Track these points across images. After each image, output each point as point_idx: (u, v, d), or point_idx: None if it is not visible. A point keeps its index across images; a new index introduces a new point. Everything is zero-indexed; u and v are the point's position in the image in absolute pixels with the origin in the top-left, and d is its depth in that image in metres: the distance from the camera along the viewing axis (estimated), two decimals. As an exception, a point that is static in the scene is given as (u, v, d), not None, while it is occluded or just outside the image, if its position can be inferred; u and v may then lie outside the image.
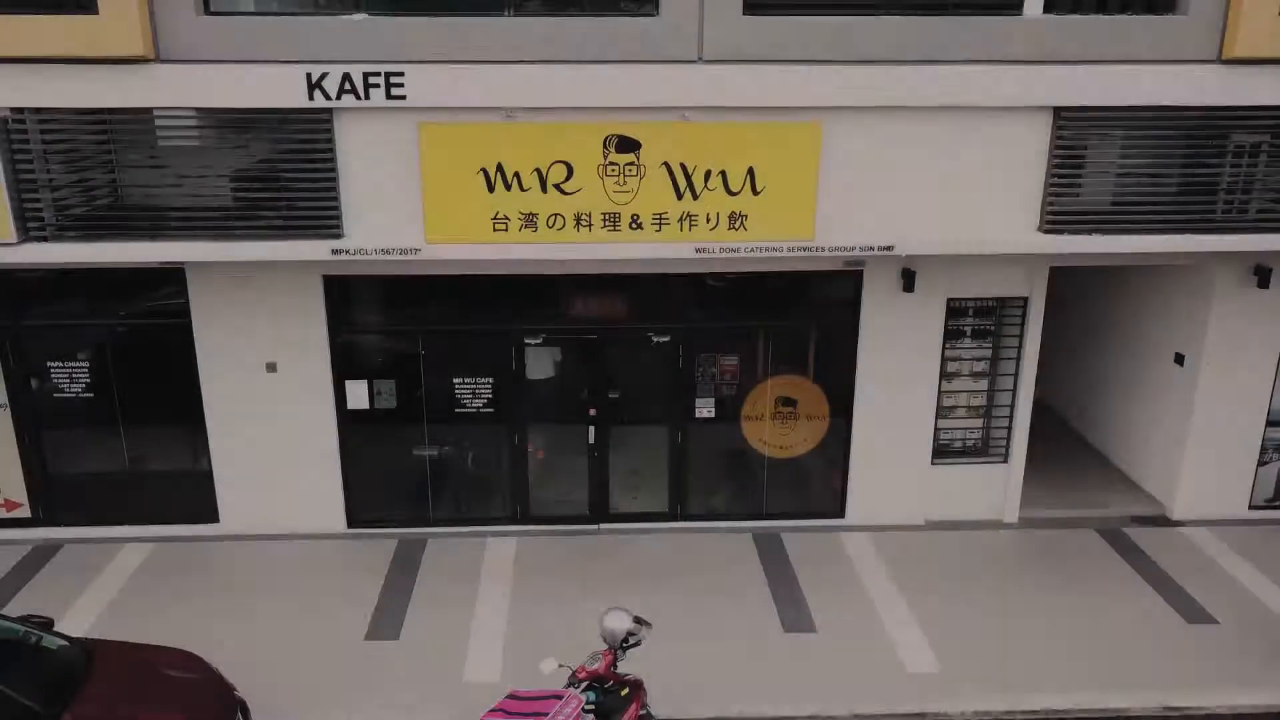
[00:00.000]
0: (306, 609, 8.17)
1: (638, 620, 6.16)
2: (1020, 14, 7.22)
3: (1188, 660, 7.59)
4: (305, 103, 7.04)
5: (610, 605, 6.40)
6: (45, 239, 7.27)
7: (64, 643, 6.27)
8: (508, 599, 8.34)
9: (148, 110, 7.10)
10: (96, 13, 6.75)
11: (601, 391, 9.22)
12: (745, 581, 8.67)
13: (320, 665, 7.42)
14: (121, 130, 7.22)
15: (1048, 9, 7.27)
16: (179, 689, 6.07)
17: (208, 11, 6.97)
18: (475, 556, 9.14)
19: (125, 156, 7.30)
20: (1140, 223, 7.69)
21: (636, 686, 6.11)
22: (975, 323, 9.46)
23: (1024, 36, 7.20)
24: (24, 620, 6.36)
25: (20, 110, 6.99)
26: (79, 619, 8.01)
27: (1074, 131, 7.46)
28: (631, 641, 6.09)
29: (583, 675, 5.90)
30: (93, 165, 7.26)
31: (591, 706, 5.78)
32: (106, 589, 8.52)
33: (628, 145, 7.23)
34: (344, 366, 9.01)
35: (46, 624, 6.39)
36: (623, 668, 6.23)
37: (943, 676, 7.39)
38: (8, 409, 9.10)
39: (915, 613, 8.20)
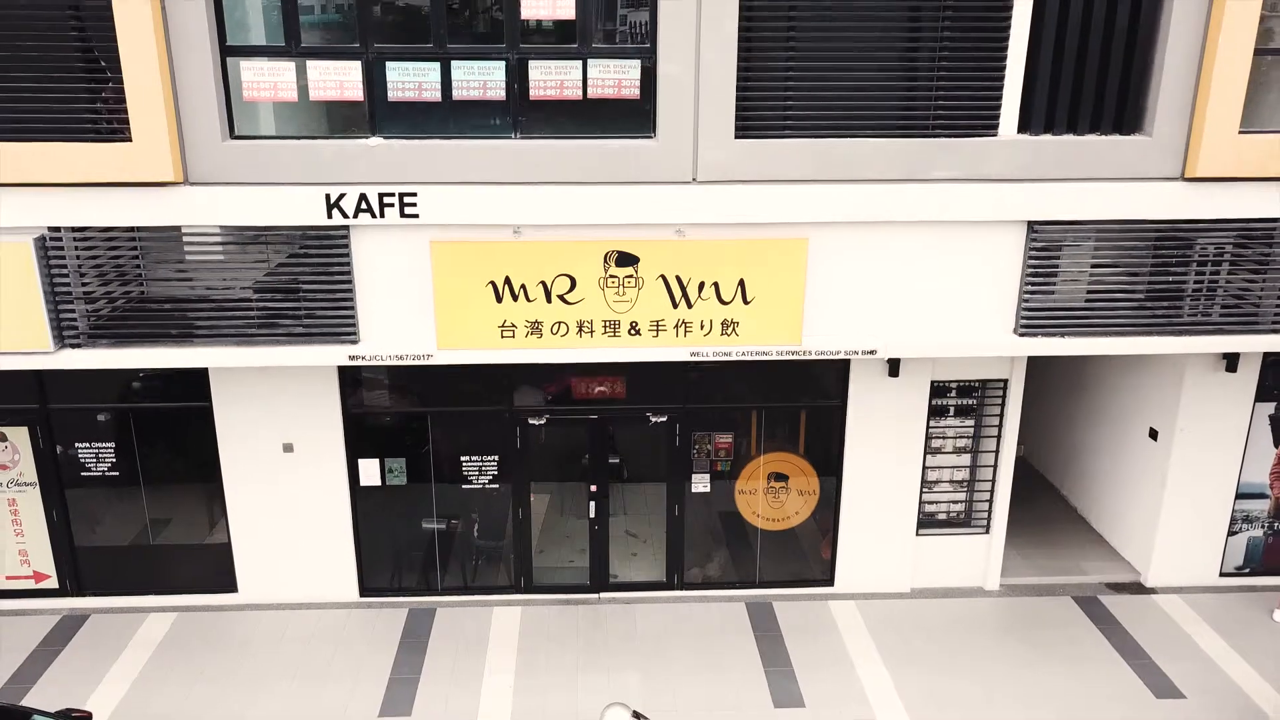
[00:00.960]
0: (323, 683, 8.67)
1: (636, 715, 6.63)
2: (996, 135, 7.69)
3: (1152, 740, 8.08)
4: (324, 220, 7.52)
5: (610, 701, 6.87)
6: (79, 345, 7.74)
7: None
8: (513, 673, 8.84)
9: (176, 228, 7.57)
10: (130, 140, 7.21)
11: (602, 469, 9.70)
12: (738, 654, 9.17)
13: (338, 746, 7.89)
14: (151, 245, 7.70)
15: (1021, 130, 7.74)
16: None
17: (233, 136, 7.44)
18: (482, 627, 9.62)
19: (154, 269, 7.77)
20: (1110, 325, 8.18)
21: None
22: (958, 401, 9.95)
23: (999, 156, 7.69)
24: (64, 716, 6.83)
25: (57, 229, 7.46)
26: (109, 693, 8.49)
27: (1046, 243, 7.94)
28: (631, 736, 6.57)
29: None
30: (123, 278, 7.73)
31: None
32: (134, 662, 9.01)
33: (627, 260, 7.71)
34: (356, 446, 9.49)
35: (86, 719, 6.86)
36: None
37: None
38: (36, 486, 9.57)
39: (899, 685, 8.71)
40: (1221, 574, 10.48)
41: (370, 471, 9.67)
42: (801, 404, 9.73)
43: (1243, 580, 10.49)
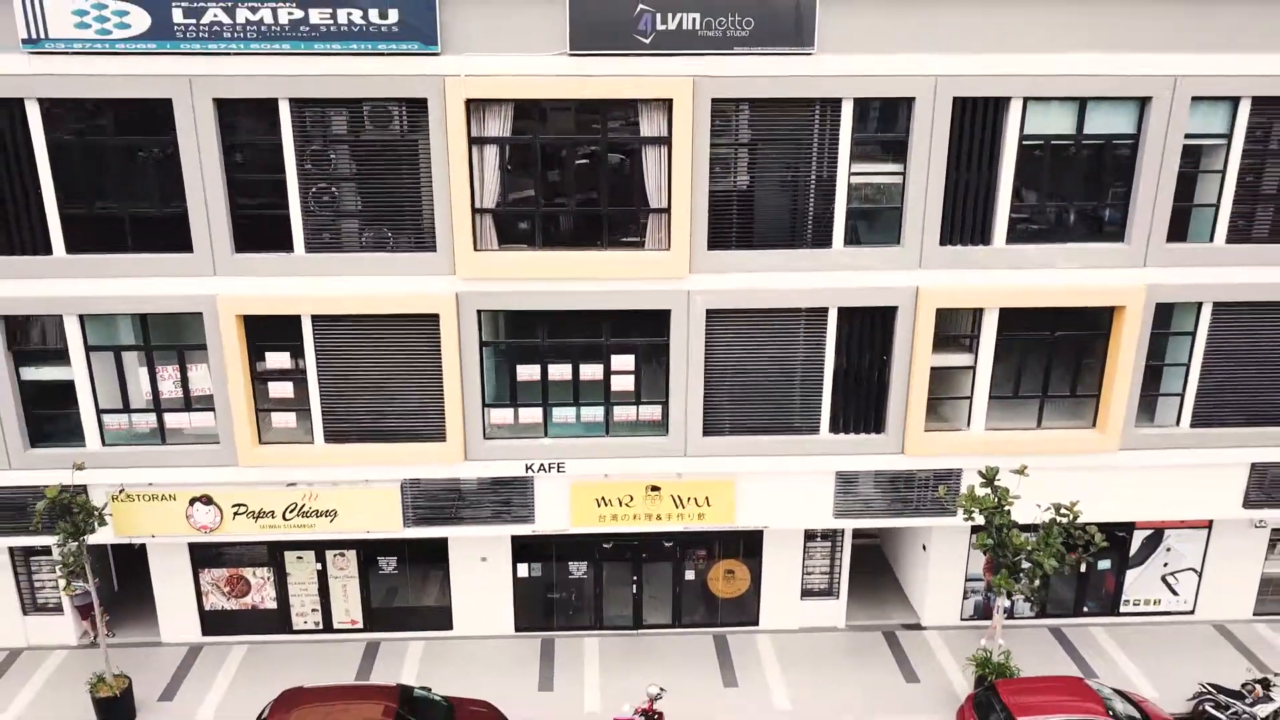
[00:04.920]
0: (507, 676, 18.96)
1: (661, 689, 16.91)
2: (818, 435, 17.94)
3: (901, 693, 18.36)
4: (523, 475, 17.78)
5: (650, 682, 17.20)
6: (414, 525, 18.01)
7: (440, 699, 17.00)
8: (598, 672, 19.10)
9: (458, 479, 17.83)
10: (445, 442, 17.43)
11: (640, 571, 19.95)
12: (706, 663, 19.46)
13: (516, 708, 18.13)
14: (445, 484, 17.95)
15: (832, 431, 17.97)
16: (495, 718, 16.85)
17: (485, 439, 17.66)
18: (579, 648, 19.92)
19: (443, 494, 18.01)
20: (879, 513, 18.46)
21: (661, 715, 16.86)
22: (820, 533, 20.17)
23: (820, 445, 17.93)
24: (424, 689, 17.09)
25: (418, 479, 17.73)
26: (408, 680, 18.70)
27: (846, 479, 18.19)
28: (659, 695, 16.81)
29: (644, 709, 16.65)
30: (432, 499, 17.99)
31: (645, 724, 16.59)
32: (411, 667, 19.22)
33: (655, 488, 18.00)
34: (518, 557, 19.75)
35: (426, 690, 17.12)
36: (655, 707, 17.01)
37: (792, 713, 18.17)
38: (356, 578, 19.81)
39: (786, 677, 19.00)
40: (961, 619, 20.75)
41: (523, 570, 19.95)
42: (740, 534, 19.93)
43: (971, 623, 20.76)
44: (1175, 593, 20.95)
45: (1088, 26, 15.77)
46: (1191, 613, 21.04)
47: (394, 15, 15.08)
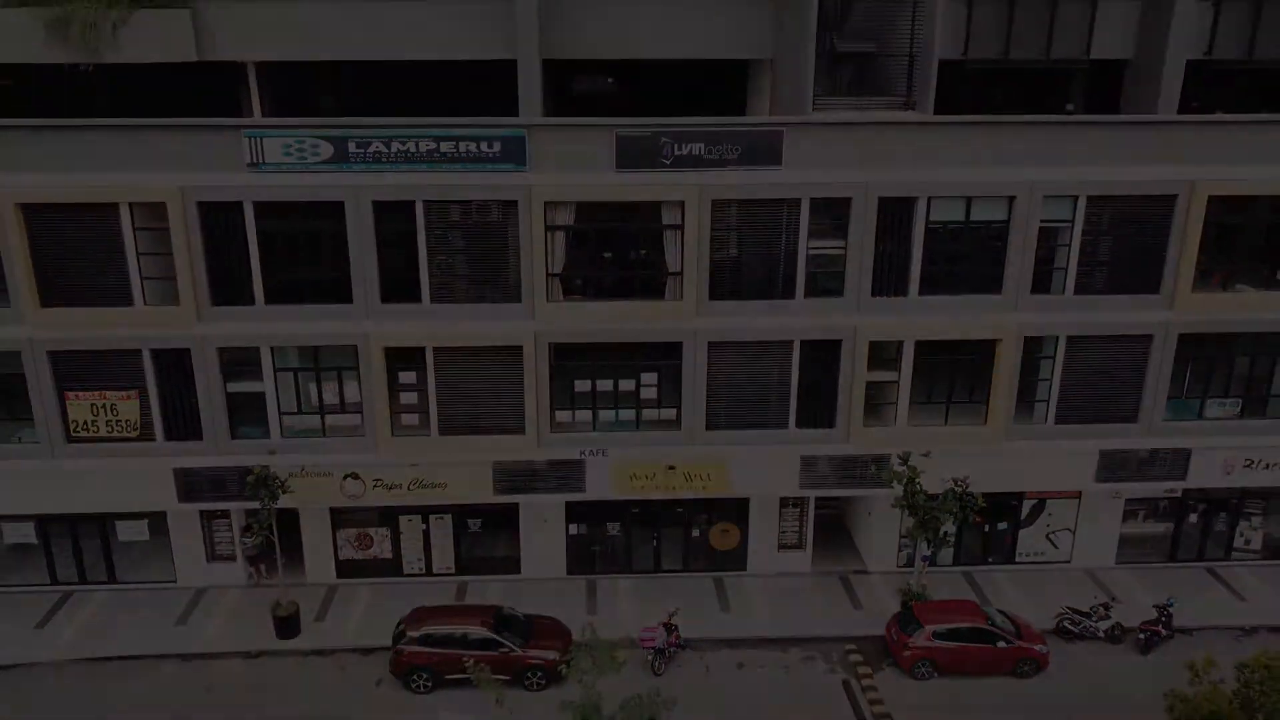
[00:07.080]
0: (563, 607, 26.33)
1: (677, 608, 24.31)
2: (787, 429, 25.30)
3: (849, 617, 25.78)
4: (577, 458, 25.16)
5: (670, 605, 24.64)
6: (499, 494, 25.39)
7: (522, 615, 24.36)
8: (628, 603, 26.50)
9: (531, 461, 25.23)
10: (523, 433, 24.83)
11: (659, 529, 27.35)
12: (707, 596, 26.97)
13: (572, 624, 25.46)
14: (525, 463, 25.34)
15: (797, 426, 25.35)
16: (556, 630, 24.22)
17: (553, 431, 25.01)
18: (614, 587, 27.40)
19: (522, 471, 25.39)
20: (831, 486, 25.85)
21: (676, 628, 24.23)
22: (792, 500, 27.57)
23: (788, 436, 25.30)
24: (510, 609, 24.45)
25: (499, 461, 25.13)
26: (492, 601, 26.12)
27: (807, 462, 25.57)
28: (674, 613, 24.18)
29: (665, 623, 24.03)
30: (513, 475, 25.35)
31: (665, 634, 23.90)
32: (493, 598, 26.61)
33: (671, 467, 25.41)
34: (571, 518, 27.13)
35: (513, 609, 24.45)
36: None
37: (767, 623, 25.57)
38: (450, 535, 27.18)
39: (767, 605, 26.42)
40: (897, 566, 28.16)
41: (573, 528, 27.36)
42: (733, 501, 27.26)
43: (904, 569, 28.16)
44: (1056, 546, 28.35)
45: (969, 149, 23.10)
46: (1069, 562, 28.45)
47: (497, 146, 22.39)
